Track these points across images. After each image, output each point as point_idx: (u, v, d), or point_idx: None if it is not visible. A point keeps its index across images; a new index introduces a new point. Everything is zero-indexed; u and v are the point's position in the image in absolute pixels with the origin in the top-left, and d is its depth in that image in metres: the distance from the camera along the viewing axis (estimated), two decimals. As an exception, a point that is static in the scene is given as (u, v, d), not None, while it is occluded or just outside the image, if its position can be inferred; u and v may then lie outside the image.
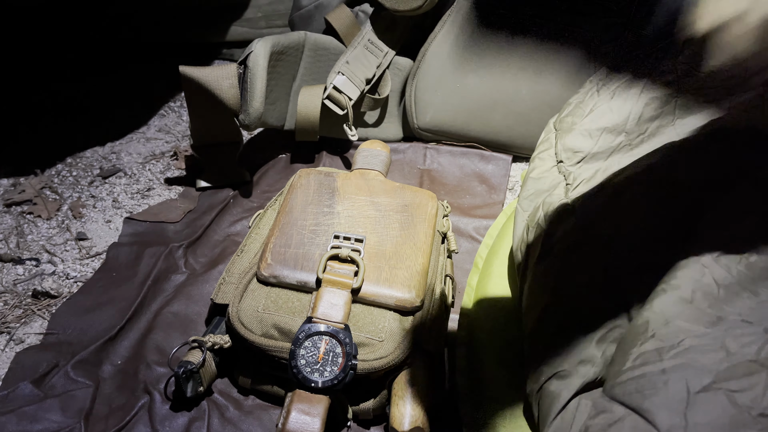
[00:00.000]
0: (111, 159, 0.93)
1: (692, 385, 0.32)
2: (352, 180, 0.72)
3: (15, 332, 0.67)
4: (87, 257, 0.77)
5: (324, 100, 0.87)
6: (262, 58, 0.78)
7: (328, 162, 0.93)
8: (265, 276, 0.60)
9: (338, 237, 0.63)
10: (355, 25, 0.94)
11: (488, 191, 0.90)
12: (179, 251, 0.76)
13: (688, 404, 0.31)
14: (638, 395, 0.33)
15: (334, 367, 0.55)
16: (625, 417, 0.33)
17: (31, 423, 0.56)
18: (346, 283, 0.59)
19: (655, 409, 0.32)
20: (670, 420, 0.31)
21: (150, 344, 0.66)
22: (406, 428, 0.54)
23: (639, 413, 0.33)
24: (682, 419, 0.31)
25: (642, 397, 0.33)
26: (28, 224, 0.81)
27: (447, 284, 0.67)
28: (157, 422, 0.58)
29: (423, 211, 0.68)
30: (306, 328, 0.56)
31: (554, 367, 0.50)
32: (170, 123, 1.03)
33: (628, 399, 0.34)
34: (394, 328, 0.58)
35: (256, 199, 0.87)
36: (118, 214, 0.84)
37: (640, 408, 0.33)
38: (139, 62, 1.13)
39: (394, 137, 0.99)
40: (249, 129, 0.84)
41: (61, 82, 1.07)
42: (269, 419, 0.60)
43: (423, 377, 0.57)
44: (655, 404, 0.32)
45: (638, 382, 0.34)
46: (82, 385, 0.60)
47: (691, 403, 0.31)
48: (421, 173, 0.93)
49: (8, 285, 0.73)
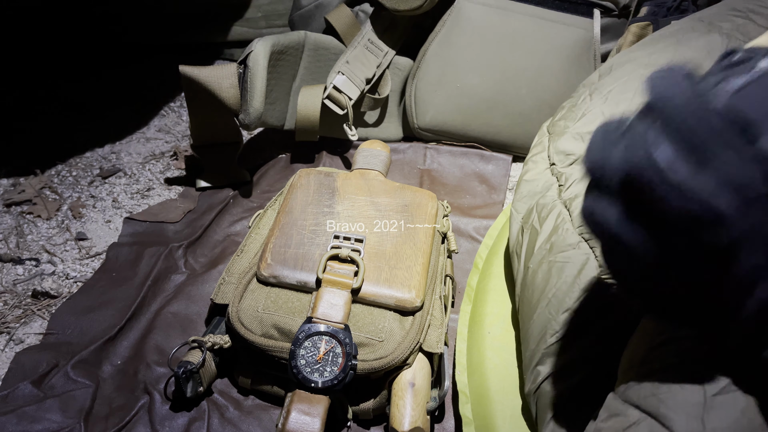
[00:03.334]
0: (111, 159, 0.93)
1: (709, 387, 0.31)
2: (352, 180, 0.72)
3: (15, 332, 0.67)
4: (87, 257, 0.77)
5: (324, 100, 0.87)
6: (262, 57, 0.78)
7: (328, 162, 0.92)
8: (265, 276, 0.60)
9: (338, 237, 0.63)
10: (355, 25, 0.94)
11: (488, 191, 0.90)
12: (179, 251, 0.76)
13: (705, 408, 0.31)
14: (654, 398, 0.33)
15: (334, 367, 0.55)
16: (640, 421, 0.32)
17: (31, 423, 0.56)
18: (346, 283, 0.59)
19: (672, 413, 0.31)
20: (687, 425, 0.30)
21: (150, 344, 0.66)
22: (406, 428, 0.54)
23: (655, 417, 0.32)
24: (700, 424, 0.30)
25: (658, 400, 0.32)
26: (28, 224, 0.81)
27: (447, 284, 0.67)
28: (157, 422, 0.58)
29: (423, 211, 0.68)
30: (306, 328, 0.56)
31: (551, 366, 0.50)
32: (170, 123, 1.03)
33: (643, 402, 0.33)
34: (394, 328, 0.58)
35: (256, 199, 0.87)
36: (117, 214, 0.84)
37: (657, 412, 0.32)
38: (140, 62, 1.13)
39: (394, 137, 0.99)
40: (249, 129, 0.84)
41: (61, 81, 1.07)
42: (269, 419, 0.60)
43: (423, 377, 0.57)
44: (672, 408, 0.32)
45: (654, 385, 0.33)
46: (82, 385, 0.60)
47: (708, 406, 0.31)
48: (421, 173, 0.93)
49: (8, 285, 0.73)
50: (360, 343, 0.56)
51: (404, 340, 0.57)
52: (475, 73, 0.91)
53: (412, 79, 0.94)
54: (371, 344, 0.56)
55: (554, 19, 0.90)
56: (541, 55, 0.90)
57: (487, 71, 0.91)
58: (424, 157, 0.95)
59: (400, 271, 0.61)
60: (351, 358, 0.55)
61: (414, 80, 0.94)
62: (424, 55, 0.92)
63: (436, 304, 0.62)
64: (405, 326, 0.58)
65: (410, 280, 0.60)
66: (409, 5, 0.87)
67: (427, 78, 0.93)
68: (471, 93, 0.92)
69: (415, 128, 0.96)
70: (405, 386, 0.56)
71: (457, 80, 0.92)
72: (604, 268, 0.44)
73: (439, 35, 0.91)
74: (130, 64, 1.13)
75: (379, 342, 0.56)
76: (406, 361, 0.57)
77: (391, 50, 0.93)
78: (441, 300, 0.63)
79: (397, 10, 0.88)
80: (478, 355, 0.61)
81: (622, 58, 0.69)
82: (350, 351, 0.55)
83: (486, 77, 0.91)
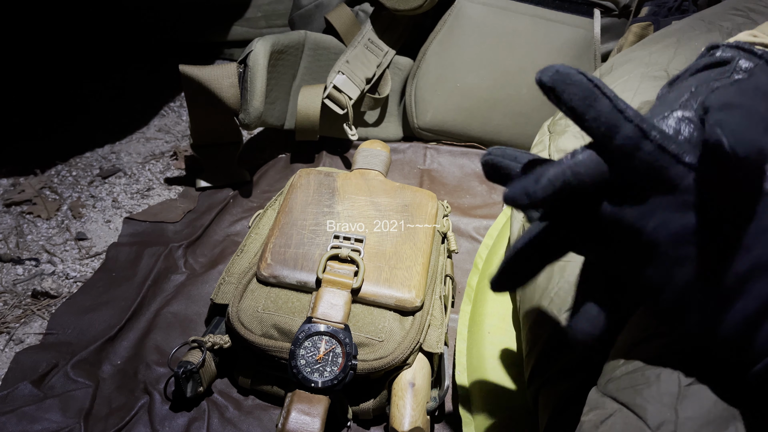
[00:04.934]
0: (111, 159, 0.93)
1: (683, 377, 0.32)
2: (352, 180, 0.72)
3: (15, 332, 0.67)
4: (87, 257, 0.77)
5: (324, 100, 0.87)
6: (262, 57, 0.78)
7: (328, 162, 0.92)
8: (264, 276, 0.60)
9: (338, 237, 0.63)
10: (356, 25, 0.94)
11: (488, 191, 0.90)
12: (179, 251, 0.76)
13: (679, 397, 0.31)
14: (631, 390, 0.33)
15: (334, 367, 0.55)
16: (616, 412, 0.33)
17: (30, 423, 0.56)
18: (346, 283, 0.59)
19: (646, 403, 0.32)
20: (660, 414, 0.31)
21: (150, 344, 0.65)
22: (406, 428, 0.54)
23: (629, 408, 0.32)
24: (673, 413, 0.30)
25: (634, 392, 0.33)
26: (28, 224, 0.81)
27: (447, 284, 0.67)
28: (157, 422, 0.58)
29: (423, 211, 0.68)
30: (306, 328, 0.56)
31: (552, 365, 0.50)
32: (170, 123, 1.02)
33: (621, 395, 0.34)
34: (394, 328, 0.58)
35: (256, 199, 0.87)
36: (117, 214, 0.84)
37: (631, 403, 0.32)
38: (139, 62, 1.13)
39: (394, 137, 0.99)
40: (249, 128, 0.84)
41: (61, 81, 1.07)
42: (269, 419, 0.60)
43: (423, 377, 0.57)
44: (646, 398, 0.32)
45: (632, 377, 0.34)
46: (82, 385, 0.60)
47: (682, 396, 0.31)
48: (421, 173, 0.93)
49: (8, 285, 0.73)
50: (360, 343, 0.56)
51: (404, 340, 0.57)
52: (475, 72, 0.91)
53: (412, 79, 0.94)
54: (371, 344, 0.56)
55: (554, 19, 0.90)
56: (541, 55, 0.90)
57: (488, 71, 0.91)
58: (424, 157, 0.95)
59: (400, 271, 0.61)
60: (351, 358, 0.55)
61: (414, 80, 0.94)
62: (424, 54, 0.92)
63: (436, 304, 0.62)
64: (405, 326, 0.58)
65: (410, 280, 0.60)
66: (409, 5, 0.86)
67: (427, 78, 0.92)
68: (471, 93, 0.92)
69: (415, 128, 0.96)
70: (405, 386, 0.56)
71: (457, 80, 0.92)
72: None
73: (439, 35, 0.91)
74: (131, 63, 1.13)
75: (379, 342, 0.56)
76: (406, 361, 0.57)
77: (391, 50, 0.93)
78: (441, 300, 0.63)
79: (397, 10, 0.88)
80: (478, 355, 0.61)
81: (622, 58, 0.69)
82: (350, 351, 0.55)
83: (486, 77, 0.91)
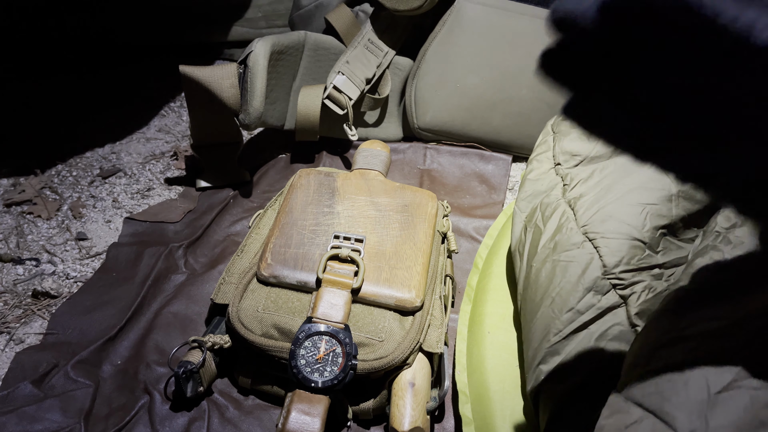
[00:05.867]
0: (111, 159, 0.93)
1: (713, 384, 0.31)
2: (352, 180, 0.72)
3: (15, 332, 0.67)
4: (87, 257, 0.77)
5: (324, 100, 0.87)
6: (262, 57, 0.78)
7: (328, 162, 0.92)
8: (265, 276, 0.60)
9: (338, 237, 0.63)
10: (355, 25, 0.94)
11: (488, 191, 0.90)
12: (179, 251, 0.76)
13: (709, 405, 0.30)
14: (657, 396, 0.32)
15: (334, 367, 0.55)
16: (642, 419, 0.32)
17: (31, 423, 0.56)
18: (346, 283, 0.59)
19: (675, 411, 0.31)
20: (690, 423, 0.30)
21: (150, 344, 0.66)
22: (406, 428, 0.54)
23: (657, 415, 0.32)
24: (703, 422, 0.30)
25: (661, 398, 0.32)
26: (28, 224, 0.81)
27: (447, 284, 0.67)
28: (157, 422, 0.58)
29: (423, 211, 0.68)
30: (306, 328, 0.56)
31: (553, 365, 0.50)
32: (170, 123, 1.02)
33: (647, 400, 0.33)
34: (394, 328, 0.58)
35: (256, 199, 0.87)
36: (118, 214, 0.84)
37: (659, 410, 0.32)
38: (139, 62, 1.13)
39: (394, 137, 0.99)
40: (249, 129, 0.84)
41: (61, 81, 1.07)
42: (269, 419, 0.60)
43: (423, 377, 0.57)
44: (675, 406, 0.31)
45: (657, 383, 0.33)
46: (82, 385, 0.60)
47: (712, 403, 0.30)
48: (421, 173, 0.93)
49: (8, 285, 0.73)
50: (360, 343, 0.56)
51: (404, 340, 0.57)
52: (475, 73, 0.91)
53: (412, 79, 0.94)
54: (371, 344, 0.56)
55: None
56: (541, 55, 0.90)
57: (487, 71, 0.91)
58: (424, 157, 0.95)
59: (400, 271, 0.61)
60: (351, 358, 0.55)
61: (414, 80, 0.94)
62: (424, 55, 0.92)
63: (436, 304, 0.62)
64: (405, 326, 0.58)
65: (410, 280, 0.60)
66: (409, 5, 0.86)
67: (427, 78, 0.93)
68: (471, 93, 0.92)
69: (415, 128, 0.96)
70: (405, 386, 0.56)
71: (457, 80, 0.92)
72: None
73: (439, 35, 0.91)
74: (130, 64, 1.13)
75: (379, 342, 0.56)
76: (406, 361, 0.57)
77: (391, 50, 0.93)
78: (441, 300, 0.63)
79: (397, 10, 0.88)
80: (478, 355, 0.61)
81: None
82: (350, 351, 0.55)
83: (486, 77, 0.91)
